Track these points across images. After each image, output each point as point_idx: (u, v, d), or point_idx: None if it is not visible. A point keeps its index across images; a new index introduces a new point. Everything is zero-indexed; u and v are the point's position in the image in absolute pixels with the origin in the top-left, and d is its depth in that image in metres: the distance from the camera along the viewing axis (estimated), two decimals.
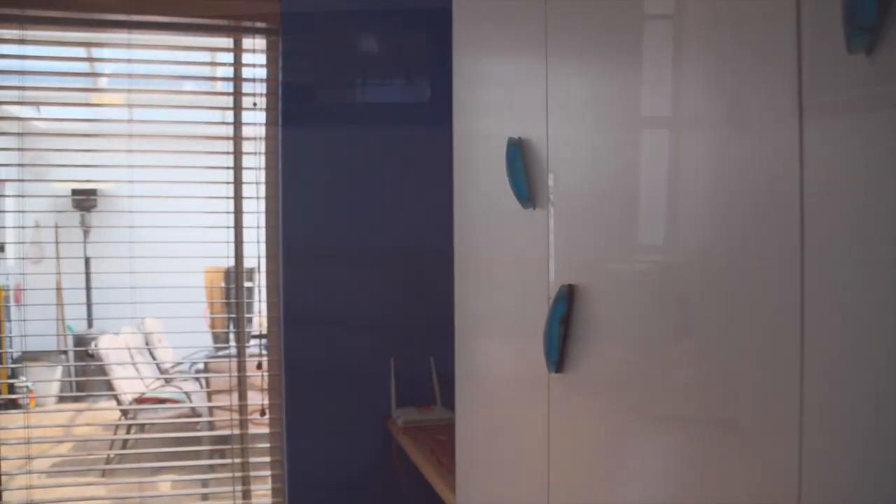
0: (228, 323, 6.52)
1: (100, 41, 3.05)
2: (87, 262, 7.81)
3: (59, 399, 8.10)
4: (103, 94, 3.12)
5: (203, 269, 6.01)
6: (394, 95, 3.00)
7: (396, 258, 2.99)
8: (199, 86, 3.58)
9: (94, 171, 3.20)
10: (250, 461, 3.10)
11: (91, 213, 8.31)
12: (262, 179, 3.00)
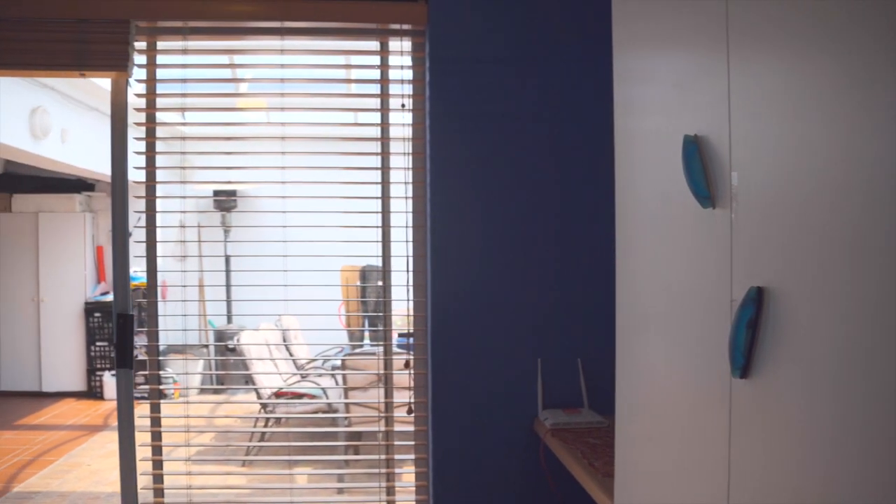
0: (363, 321, 6.70)
1: (254, 48, 3.15)
2: (227, 260, 8.17)
3: (200, 391, 8.48)
4: (254, 98, 3.21)
5: (339, 269, 6.17)
6: (543, 94, 2.97)
7: (545, 259, 2.97)
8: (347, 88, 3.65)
9: (239, 174, 3.28)
10: (395, 458, 3.13)
11: (231, 213, 8.64)
12: (409, 179, 3.04)
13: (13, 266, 9.17)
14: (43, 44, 2.94)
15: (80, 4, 2.94)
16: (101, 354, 9.12)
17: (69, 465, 6.55)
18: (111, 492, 5.86)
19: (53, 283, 9.20)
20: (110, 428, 7.84)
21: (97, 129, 7.70)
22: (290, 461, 4.17)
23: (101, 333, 9.09)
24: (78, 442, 7.30)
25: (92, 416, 8.39)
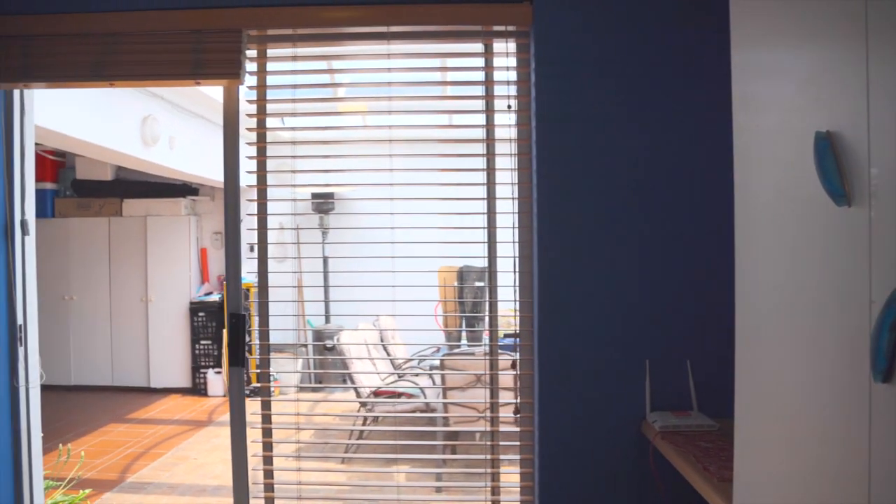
0: (461, 321, 6.73)
1: (360, 53, 3.21)
2: (325, 261, 8.32)
3: (298, 389, 8.66)
4: (359, 102, 3.26)
5: (437, 269, 6.22)
6: (651, 92, 2.93)
7: (654, 259, 2.93)
8: (444, 91, 3.68)
9: (344, 177, 3.33)
10: (500, 458, 3.14)
11: (329, 215, 8.79)
12: (515, 180, 3.04)
13: (124, 267, 9.57)
14: (161, 55, 3.06)
15: (195, 16, 3.05)
16: (204, 353, 9.42)
17: (177, 459, 6.79)
18: (217, 485, 6.05)
19: (160, 284, 9.55)
20: (215, 423, 8.10)
21: (202, 136, 7.97)
22: (389, 459, 4.24)
23: (204, 332, 9.40)
24: (185, 436, 7.56)
25: (197, 411, 8.67)
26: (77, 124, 5.50)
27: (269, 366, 3.23)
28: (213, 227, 9.88)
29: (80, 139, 5.64)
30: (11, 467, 3.26)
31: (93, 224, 9.55)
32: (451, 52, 3.14)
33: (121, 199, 9.56)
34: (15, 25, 3.12)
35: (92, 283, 9.56)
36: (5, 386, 3.22)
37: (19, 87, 3.20)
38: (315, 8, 3.02)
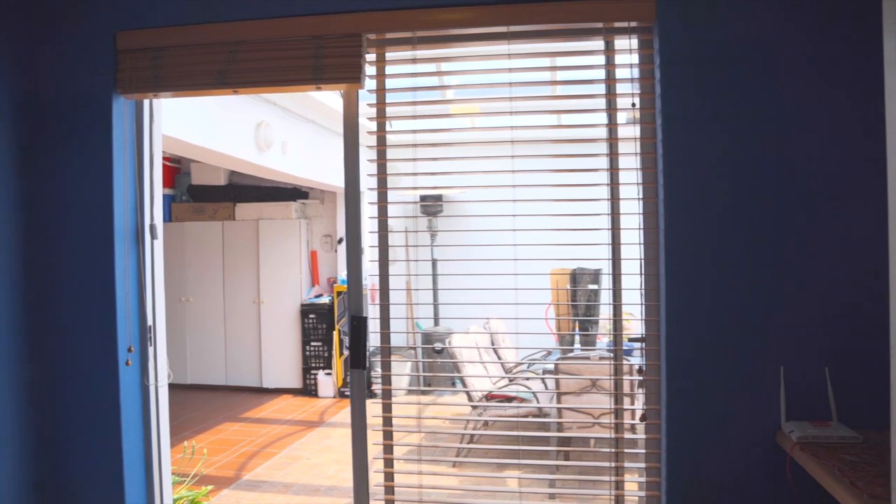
0: (573, 325, 6.65)
1: (479, 55, 3.18)
2: (433, 264, 8.36)
3: (408, 391, 8.71)
4: (481, 103, 3.24)
5: (549, 272, 6.15)
6: (781, 88, 2.80)
7: (789, 262, 2.80)
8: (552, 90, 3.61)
9: (464, 179, 3.31)
10: (625, 466, 3.06)
11: (437, 217, 8.82)
12: (640, 180, 2.96)
13: (237, 270, 9.85)
14: (282, 61, 3.11)
15: (315, 22, 3.08)
16: (315, 354, 9.60)
17: (290, 458, 6.92)
18: (329, 485, 6.14)
19: (272, 286, 9.78)
20: (326, 424, 8.23)
21: (313, 140, 8.13)
22: (500, 464, 4.20)
23: (315, 334, 9.57)
24: (297, 436, 7.70)
25: (308, 412, 8.83)
26: (196, 131, 5.68)
27: (390, 368, 3.23)
28: (322, 230, 10.07)
29: (199, 145, 5.82)
30: (143, 462, 3.37)
31: (207, 228, 9.87)
32: (572, 50, 3.08)
33: (234, 204, 9.84)
34: (145, 39, 3.23)
35: (207, 285, 9.87)
36: (137, 385, 3.33)
37: (149, 97, 3.31)
38: (433, 10, 3.01)
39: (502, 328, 7.71)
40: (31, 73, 3.27)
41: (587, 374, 5.17)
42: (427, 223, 8.82)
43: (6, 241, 3.13)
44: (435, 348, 8.19)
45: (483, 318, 7.17)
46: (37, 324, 3.28)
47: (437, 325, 8.72)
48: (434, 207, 8.72)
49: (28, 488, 3.22)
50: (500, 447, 4.38)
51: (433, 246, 8.44)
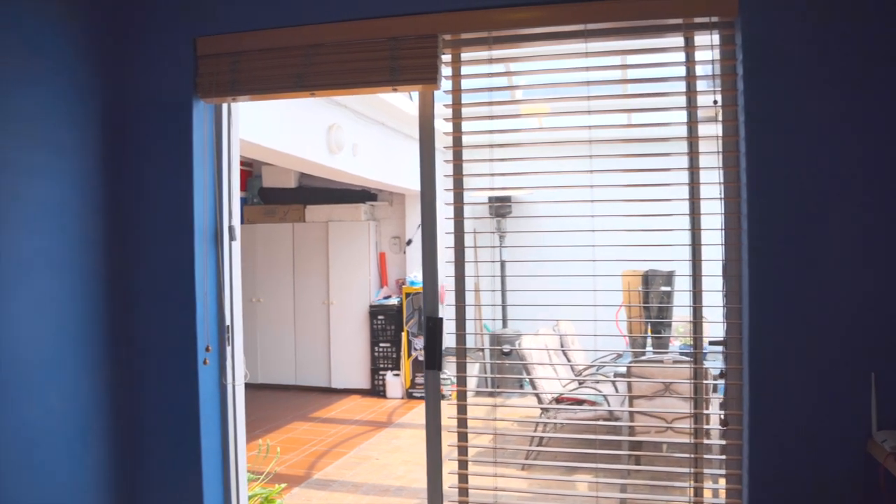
0: (646, 327, 6.55)
1: (554, 54, 3.14)
2: (502, 265, 8.33)
3: (475, 393, 8.70)
4: (557, 103, 3.21)
5: (620, 273, 6.07)
6: (873, 87, 2.70)
7: (879, 266, 2.70)
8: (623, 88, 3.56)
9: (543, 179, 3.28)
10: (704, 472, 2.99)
11: (506, 218, 8.80)
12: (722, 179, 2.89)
13: (306, 271, 9.98)
14: (359, 63, 3.13)
15: (391, 24, 3.09)
16: (383, 355, 9.66)
17: (359, 458, 6.98)
18: (399, 486, 6.17)
19: (341, 288, 9.88)
20: (394, 425, 8.28)
21: (383, 143, 8.19)
22: (570, 467, 4.15)
23: (383, 335, 9.63)
24: (365, 436, 7.77)
25: (377, 412, 8.89)
26: (269, 134, 5.77)
27: (465, 370, 3.22)
28: (391, 231, 10.13)
29: (272, 148, 5.91)
30: (220, 459, 3.43)
31: (278, 230, 10.03)
32: (650, 47, 3.03)
33: (304, 206, 9.98)
34: (224, 44, 3.29)
35: (277, 286, 10.02)
36: (215, 383, 3.39)
37: (228, 101, 3.37)
38: (509, 9, 2.99)
39: (571, 330, 7.64)
40: (116, 79, 3.35)
41: (660, 377, 5.09)
42: (495, 224, 8.79)
43: (93, 242, 3.21)
44: (503, 350, 8.16)
45: (552, 319, 7.12)
46: (120, 323, 3.36)
47: (504, 327, 8.69)
48: (503, 208, 8.69)
49: (112, 481, 3.30)
50: (569, 450, 4.32)
51: (502, 247, 8.41)
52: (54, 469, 3.02)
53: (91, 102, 3.23)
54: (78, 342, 3.14)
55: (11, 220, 2.83)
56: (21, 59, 2.89)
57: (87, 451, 3.17)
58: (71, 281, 3.11)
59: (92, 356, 3.21)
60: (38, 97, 2.97)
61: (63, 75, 3.09)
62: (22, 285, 2.87)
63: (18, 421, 2.85)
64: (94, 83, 3.24)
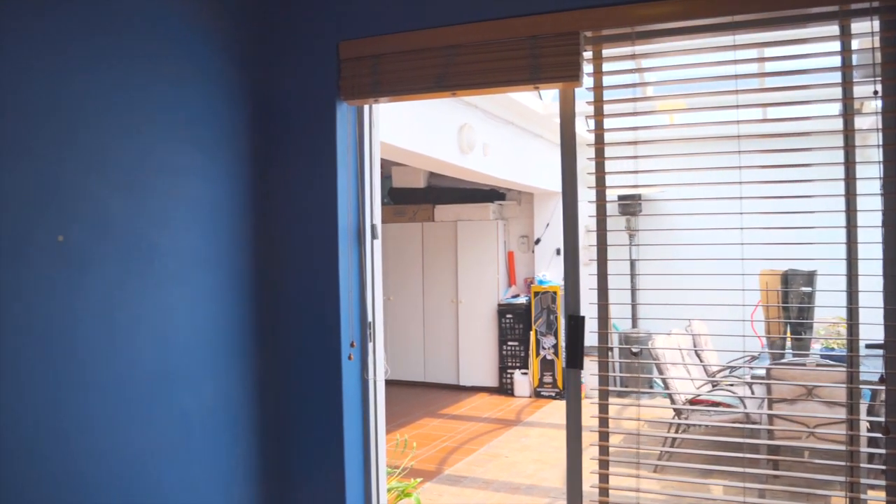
0: (784, 328, 6.31)
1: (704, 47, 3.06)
2: (632, 264, 8.19)
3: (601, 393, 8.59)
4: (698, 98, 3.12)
5: (758, 272, 5.86)
6: None
7: None
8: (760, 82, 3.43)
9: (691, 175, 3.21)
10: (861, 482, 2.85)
11: (637, 217, 8.66)
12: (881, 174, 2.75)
13: (435, 270, 10.11)
14: (499, 62, 3.14)
15: (531, 22, 3.09)
16: (511, 353, 9.67)
17: (489, 455, 7.01)
18: (529, 484, 6.16)
19: (469, 286, 9.96)
20: (523, 423, 8.28)
21: (512, 142, 8.20)
22: (704, 470, 4.03)
23: (511, 334, 9.65)
24: (494, 434, 7.79)
25: (505, 411, 8.92)
26: (403, 135, 5.87)
27: (608, 369, 3.19)
28: (519, 230, 10.14)
29: (406, 149, 6.01)
30: (361, 452, 3.51)
31: (408, 229, 10.19)
32: (801, 37, 2.91)
33: (433, 206, 10.10)
34: (366, 47, 3.36)
35: (407, 284, 10.19)
36: (357, 378, 3.48)
37: (369, 102, 3.45)
38: (653, 4, 2.92)
39: (704, 330, 7.44)
40: (262, 83, 3.48)
41: (802, 380, 4.89)
42: (625, 222, 8.65)
43: (241, 241, 3.35)
44: (632, 350, 8.03)
45: (685, 318, 6.95)
46: (268, 319, 3.49)
47: (634, 327, 8.54)
48: (633, 206, 8.54)
49: (259, 471, 3.44)
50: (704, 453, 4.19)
51: (631, 245, 8.27)
52: (207, 457, 3.16)
53: (239, 106, 3.36)
54: (228, 337, 3.28)
55: (169, 219, 2.99)
56: (174, 65, 3.04)
57: (235, 441, 3.31)
58: (221, 278, 3.25)
59: (240, 350, 3.35)
60: (190, 101, 3.12)
61: (213, 80, 3.24)
62: (179, 282, 3.03)
63: (178, 410, 3.01)
64: (241, 87, 3.38)
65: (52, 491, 2.49)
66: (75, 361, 2.58)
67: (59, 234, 2.53)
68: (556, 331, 9.32)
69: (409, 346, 10.20)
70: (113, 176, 2.74)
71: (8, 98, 2.37)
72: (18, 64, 2.40)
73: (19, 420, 2.39)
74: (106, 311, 2.70)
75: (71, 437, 2.56)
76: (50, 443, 2.49)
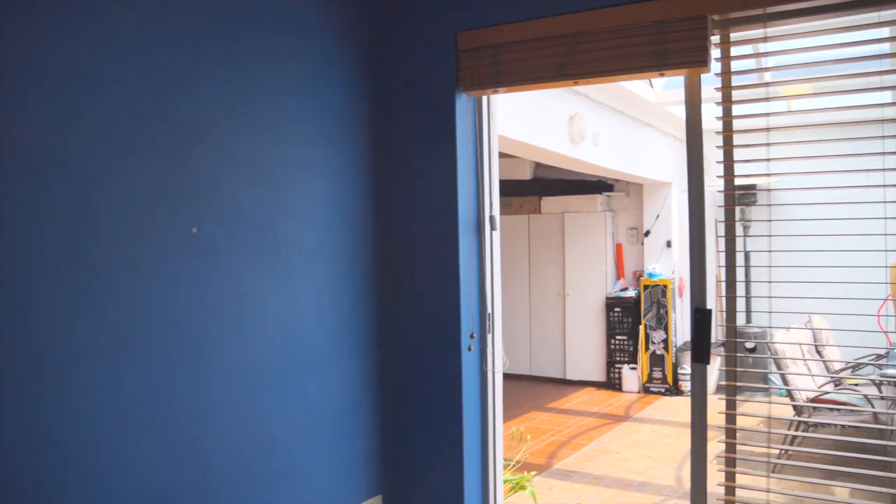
0: None
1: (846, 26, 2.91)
2: (746, 256, 7.92)
3: (716, 389, 8.37)
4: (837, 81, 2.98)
5: (889, 265, 5.57)
6: None
7: None
8: None
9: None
10: None
11: (751, 208, 8.40)
12: None
13: (542, 263, 10.05)
14: (623, 49, 3.07)
15: (656, 7, 3.00)
16: (619, 348, 9.53)
17: (598, 451, 6.93)
18: (641, 481, 6.05)
19: (577, 279, 9.86)
20: (632, 419, 8.15)
21: (622, 132, 8.06)
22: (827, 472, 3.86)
23: (620, 328, 9.50)
24: (603, 429, 7.70)
25: (613, 406, 8.80)
26: (513, 126, 5.84)
27: (736, 364, 3.09)
28: (628, 222, 9.97)
29: (517, 139, 5.98)
30: (479, 443, 3.51)
31: (514, 221, 10.15)
32: None
33: (539, 197, 10.04)
34: (485, 37, 3.35)
35: (513, 277, 10.16)
36: (476, 369, 3.47)
37: (488, 93, 3.43)
38: None
39: (826, 326, 7.14)
40: (381, 75, 3.52)
41: None
42: (739, 213, 8.39)
43: (361, 231, 3.39)
44: (746, 346, 7.79)
45: (805, 312, 6.70)
46: (388, 309, 3.53)
47: (748, 322, 8.28)
48: (748, 197, 8.28)
49: (379, 459, 3.48)
50: (829, 453, 4.01)
51: (746, 237, 8.00)
52: (332, 445, 3.22)
53: (358, 98, 3.40)
54: (350, 326, 3.33)
55: (294, 211, 3.05)
56: (299, 63, 3.10)
57: (358, 429, 3.36)
58: (343, 268, 3.30)
59: (362, 340, 3.39)
60: (313, 96, 3.17)
61: (334, 75, 3.28)
62: (303, 272, 3.09)
63: (304, 397, 3.07)
64: (361, 81, 3.41)
65: (189, 471, 2.59)
66: (208, 348, 2.67)
67: (194, 225, 2.62)
68: (667, 325, 9.13)
69: (515, 340, 10.17)
70: (243, 170, 2.82)
71: (148, 100, 2.46)
72: (157, 67, 2.50)
73: (163, 401, 2.49)
74: (236, 300, 2.78)
75: (202, 419, 2.65)
76: (187, 425, 2.59)
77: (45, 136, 2.18)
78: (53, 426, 2.19)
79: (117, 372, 2.35)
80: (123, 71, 2.40)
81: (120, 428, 2.36)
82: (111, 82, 2.36)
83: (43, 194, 2.16)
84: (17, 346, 2.10)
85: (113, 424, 2.34)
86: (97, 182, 2.31)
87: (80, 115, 2.27)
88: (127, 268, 2.39)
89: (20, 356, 2.11)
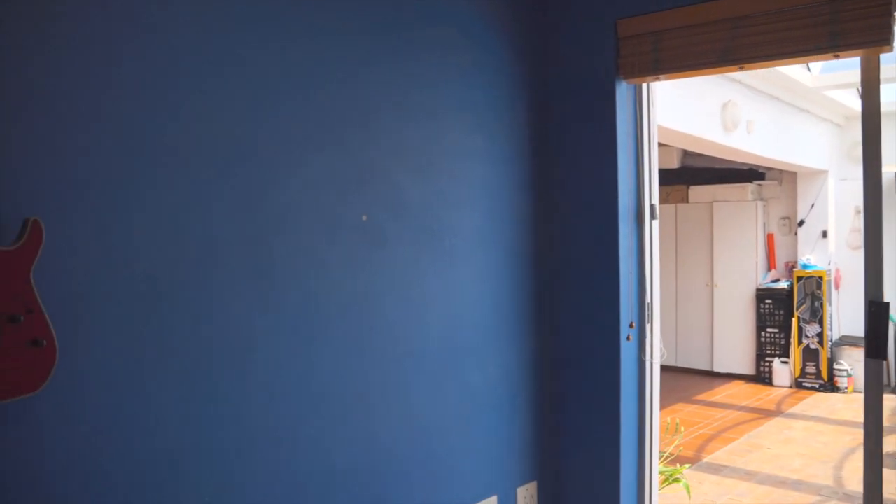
0: None
1: None
2: None
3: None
4: None
5: None
6: None
7: None
8: None
9: None
10: None
11: None
12: None
13: (690, 252, 9.82)
14: (791, 32, 2.96)
15: None
16: (770, 341, 9.21)
17: (749, 446, 6.74)
18: (795, 479, 5.85)
19: (725, 270, 9.58)
20: (784, 415, 7.88)
21: (776, 119, 7.78)
22: None
23: (771, 320, 9.18)
24: (754, 424, 7.48)
25: (764, 400, 8.52)
26: (666, 114, 5.72)
27: None
28: (780, 212, 9.60)
29: (669, 127, 5.87)
30: (636, 433, 3.49)
31: (661, 211, 9.92)
32: None
33: (687, 186, 9.80)
34: (645, 24, 3.30)
35: (660, 267, 9.95)
36: (634, 359, 3.46)
37: (649, 80, 3.40)
38: None
39: None
40: (539, 65, 3.53)
41: None
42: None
43: (520, 220, 3.43)
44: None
45: None
46: (547, 297, 3.56)
47: None
48: None
49: (536, 443, 3.52)
50: None
51: None
52: (491, 428, 3.29)
53: (516, 87, 3.43)
54: (509, 314, 3.38)
55: (456, 200, 3.12)
56: (461, 55, 3.17)
57: (515, 413, 3.41)
58: (503, 257, 3.35)
59: (520, 327, 3.44)
60: (475, 87, 3.22)
61: (494, 66, 3.32)
62: (465, 260, 3.16)
63: (465, 385, 3.15)
64: (518, 69, 3.44)
65: (357, 451, 2.71)
66: (374, 334, 2.77)
67: (364, 213, 2.72)
68: (822, 318, 8.74)
69: (662, 330, 9.96)
70: (408, 159, 2.91)
71: (319, 91, 2.58)
72: (323, 62, 2.60)
73: (333, 385, 2.61)
74: (402, 287, 2.88)
75: (370, 401, 2.76)
76: (356, 407, 2.70)
77: (238, 134, 2.33)
78: (246, 409, 2.34)
79: (287, 356, 2.47)
80: (307, 64, 2.52)
81: (300, 410, 2.50)
82: (296, 76, 2.49)
83: (230, 188, 2.31)
84: (192, 336, 2.24)
85: (290, 405, 2.48)
86: (278, 174, 2.44)
87: (267, 112, 2.41)
88: (302, 256, 2.51)
89: (197, 344, 2.26)
